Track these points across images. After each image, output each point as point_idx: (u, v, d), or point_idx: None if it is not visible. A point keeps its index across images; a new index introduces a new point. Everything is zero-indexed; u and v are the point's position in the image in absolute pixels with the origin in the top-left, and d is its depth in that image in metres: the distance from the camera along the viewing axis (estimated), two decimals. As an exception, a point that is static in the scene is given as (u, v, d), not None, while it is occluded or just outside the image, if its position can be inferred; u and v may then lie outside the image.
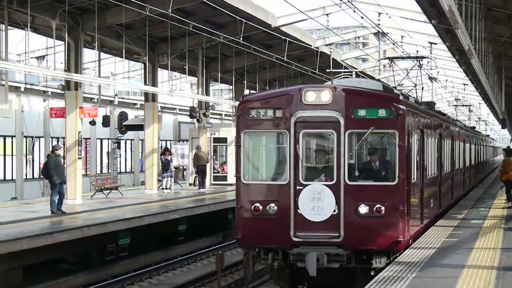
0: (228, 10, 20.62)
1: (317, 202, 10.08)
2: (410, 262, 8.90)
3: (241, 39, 22.82)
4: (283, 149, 10.73)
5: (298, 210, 10.11)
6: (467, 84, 44.55)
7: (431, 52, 32.13)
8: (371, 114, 10.25)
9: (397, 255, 10.02)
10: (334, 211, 10.02)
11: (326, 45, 30.83)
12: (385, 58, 30.23)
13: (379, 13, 27.14)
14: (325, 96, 10.21)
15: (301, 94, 10.31)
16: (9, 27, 20.37)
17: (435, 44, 31.47)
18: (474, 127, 40.99)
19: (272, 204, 10.33)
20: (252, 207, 10.41)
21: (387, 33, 27.43)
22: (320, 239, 10.10)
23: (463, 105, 53.40)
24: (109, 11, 20.99)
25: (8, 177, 28.80)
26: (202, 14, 22.67)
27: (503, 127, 38.66)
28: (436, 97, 48.73)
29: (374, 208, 9.97)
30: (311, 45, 29.44)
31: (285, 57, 27.66)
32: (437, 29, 21.83)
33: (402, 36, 32.04)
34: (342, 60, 33.78)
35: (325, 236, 10.09)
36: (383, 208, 9.94)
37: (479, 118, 66.99)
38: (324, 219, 10.05)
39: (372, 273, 9.69)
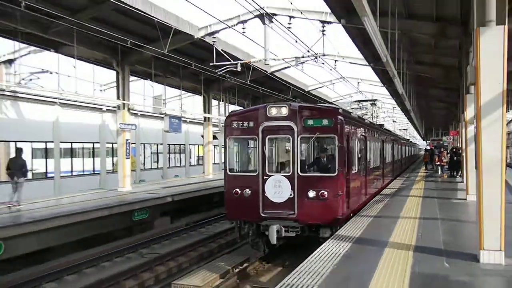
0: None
1: (278, 188, 13.43)
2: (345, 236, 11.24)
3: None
4: (254, 150, 14.19)
5: (265, 194, 13.52)
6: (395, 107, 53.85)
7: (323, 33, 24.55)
8: (317, 123, 13.35)
9: (338, 227, 12.54)
10: (291, 195, 13.27)
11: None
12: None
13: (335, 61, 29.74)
14: (284, 110, 13.58)
15: (266, 109, 13.73)
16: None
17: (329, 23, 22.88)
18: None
19: (247, 189, 13.79)
20: (234, 191, 13.97)
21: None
22: (281, 216, 13.37)
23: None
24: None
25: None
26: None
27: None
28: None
29: (320, 193, 12.98)
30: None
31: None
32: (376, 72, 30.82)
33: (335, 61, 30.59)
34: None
35: (284, 213, 13.34)
36: (326, 193, 12.96)
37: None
38: (283, 200, 13.35)
39: (320, 240, 12.06)
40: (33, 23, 19.26)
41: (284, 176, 13.49)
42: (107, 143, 35.92)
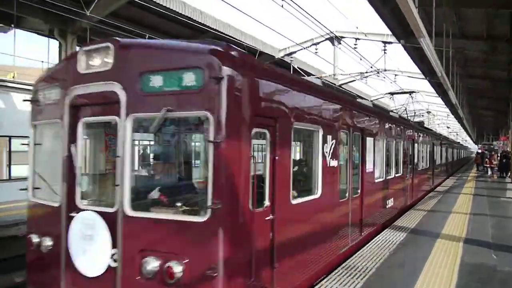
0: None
1: (88, 243, 4.88)
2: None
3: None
4: (60, 151, 5.34)
5: (69, 253, 5.00)
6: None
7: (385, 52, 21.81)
8: (171, 83, 4.53)
9: None
10: (109, 264, 4.74)
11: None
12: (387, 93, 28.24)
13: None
14: (105, 57, 4.97)
15: (76, 59, 5.23)
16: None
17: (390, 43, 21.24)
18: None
19: (46, 238, 5.39)
20: (29, 239, 5.58)
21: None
22: None
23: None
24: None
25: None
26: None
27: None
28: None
29: (166, 269, 4.40)
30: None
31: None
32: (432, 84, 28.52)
33: (395, 75, 28.47)
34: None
35: None
36: (180, 269, 4.36)
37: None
38: (98, 274, 4.80)
39: None
40: None
41: (100, 214, 4.84)
42: None
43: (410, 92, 19.69)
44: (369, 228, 9.49)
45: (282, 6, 11.76)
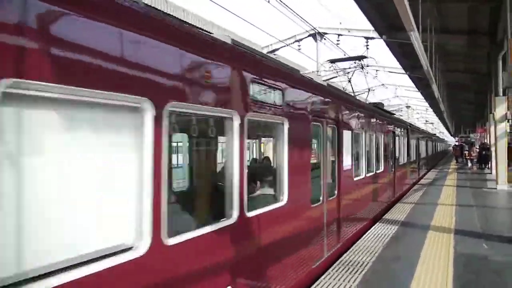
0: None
1: None
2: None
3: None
4: None
5: None
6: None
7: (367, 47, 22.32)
8: None
9: None
10: None
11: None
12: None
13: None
14: None
15: None
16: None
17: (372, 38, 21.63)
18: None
19: None
20: None
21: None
22: None
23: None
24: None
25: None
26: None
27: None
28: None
29: None
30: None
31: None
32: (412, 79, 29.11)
33: (376, 71, 28.51)
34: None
35: None
36: None
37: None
38: None
39: None
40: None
41: None
42: None
43: (360, 58, 16.37)
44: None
45: (268, 1, 11.69)
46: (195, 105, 3.67)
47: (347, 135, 8.59)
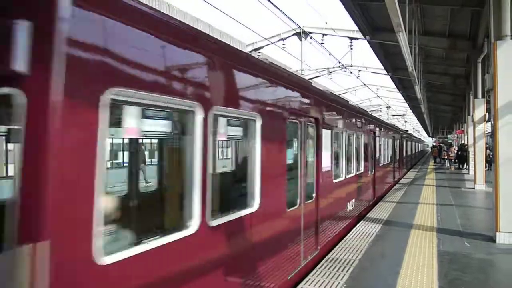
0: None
1: None
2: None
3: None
4: None
5: None
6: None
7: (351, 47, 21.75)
8: None
9: None
10: None
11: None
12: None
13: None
14: None
15: None
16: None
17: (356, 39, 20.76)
18: None
19: None
20: None
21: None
22: None
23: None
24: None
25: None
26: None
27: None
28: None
29: None
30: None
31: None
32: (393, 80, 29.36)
33: (359, 71, 27.93)
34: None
35: None
36: None
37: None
38: None
39: None
40: None
41: None
42: None
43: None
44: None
45: (256, -1, 11.62)
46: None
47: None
